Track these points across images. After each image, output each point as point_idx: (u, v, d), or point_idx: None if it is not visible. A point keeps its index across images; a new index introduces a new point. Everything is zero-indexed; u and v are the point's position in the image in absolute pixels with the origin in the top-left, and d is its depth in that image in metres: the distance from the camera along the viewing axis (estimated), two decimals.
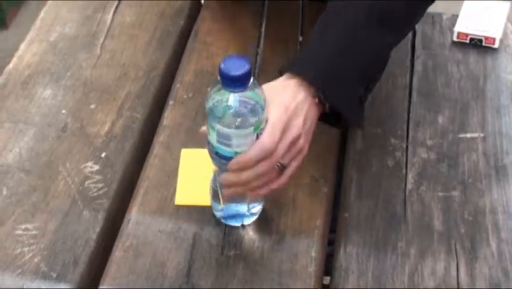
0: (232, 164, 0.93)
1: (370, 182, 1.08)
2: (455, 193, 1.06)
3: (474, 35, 1.27)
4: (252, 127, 0.90)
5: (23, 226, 1.02)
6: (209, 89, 0.91)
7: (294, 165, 0.96)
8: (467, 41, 1.28)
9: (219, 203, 1.00)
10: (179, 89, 1.20)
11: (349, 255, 0.99)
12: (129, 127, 1.15)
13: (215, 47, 1.22)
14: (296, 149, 0.96)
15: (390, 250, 0.99)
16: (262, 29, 1.30)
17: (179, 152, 1.10)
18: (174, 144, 1.12)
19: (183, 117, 1.15)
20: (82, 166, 1.09)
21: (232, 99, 0.89)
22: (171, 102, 1.18)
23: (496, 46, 1.27)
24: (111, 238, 1.01)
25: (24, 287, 0.95)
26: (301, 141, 0.96)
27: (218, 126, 0.90)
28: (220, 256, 0.98)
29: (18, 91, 1.21)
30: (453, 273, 0.97)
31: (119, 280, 0.96)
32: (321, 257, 1.00)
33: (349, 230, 1.02)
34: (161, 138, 1.13)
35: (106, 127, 1.14)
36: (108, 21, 1.33)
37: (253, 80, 0.89)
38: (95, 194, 1.05)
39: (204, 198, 1.02)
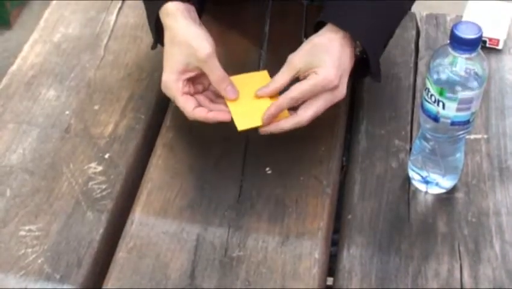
0: (267, 116, 1.04)
1: (373, 184, 1.07)
2: (459, 195, 1.05)
3: None
4: (485, 81, 0.95)
5: (26, 227, 1.02)
6: (432, 73, 0.96)
7: None
8: None
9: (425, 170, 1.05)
10: None
11: (353, 257, 0.99)
12: (132, 128, 1.15)
13: (218, 48, 1.21)
14: (331, 104, 1.06)
15: (393, 252, 0.99)
16: (266, 30, 1.30)
17: (183, 152, 1.10)
18: (178, 144, 1.12)
19: (186, 117, 1.15)
20: (86, 167, 1.09)
21: (463, 62, 0.93)
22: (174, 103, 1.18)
23: (500, 47, 1.27)
24: (114, 239, 1.01)
25: (28, 288, 0.95)
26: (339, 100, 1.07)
27: (461, 94, 0.94)
28: (224, 257, 0.98)
29: (22, 92, 1.21)
30: (457, 274, 0.97)
31: (123, 281, 0.96)
32: (325, 259, 1.00)
33: (352, 232, 1.02)
34: (164, 139, 1.13)
35: (109, 128, 1.15)
36: (112, 22, 1.33)
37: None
38: (98, 195, 1.06)
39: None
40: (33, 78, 1.23)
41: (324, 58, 1.04)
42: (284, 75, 1.06)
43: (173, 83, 1.06)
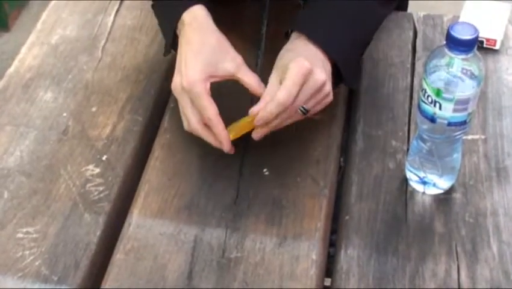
0: (258, 120, 1.02)
1: (371, 184, 1.07)
2: (456, 195, 1.05)
3: None
4: (481, 81, 0.95)
5: (24, 230, 1.02)
6: (428, 74, 0.96)
7: (317, 108, 1.06)
8: None
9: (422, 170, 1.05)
10: None
11: (350, 258, 0.99)
12: (130, 130, 1.15)
13: None
14: (321, 94, 1.04)
15: (390, 253, 0.99)
16: (263, 31, 1.30)
17: (180, 154, 1.10)
18: (175, 146, 1.12)
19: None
20: (83, 169, 1.09)
21: (459, 62, 0.93)
22: (172, 105, 1.18)
23: (497, 47, 1.27)
24: (112, 241, 1.01)
25: None
26: (327, 87, 1.04)
27: (457, 94, 0.94)
28: (221, 258, 0.98)
29: (19, 94, 1.21)
30: (454, 275, 0.97)
31: (120, 282, 0.96)
32: (322, 260, 1.00)
33: (350, 233, 1.02)
34: (162, 140, 1.13)
35: (107, 130, 1.15)
36: (109, 24, 1.33)
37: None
38: (96, 197, 1.06)
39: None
40: (30, 80, 1.23)
41: (290, 55, 1.05)
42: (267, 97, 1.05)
43: (201, 82, 1.04)
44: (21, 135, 1.14)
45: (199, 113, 1.05)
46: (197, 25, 1.08)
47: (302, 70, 1.01)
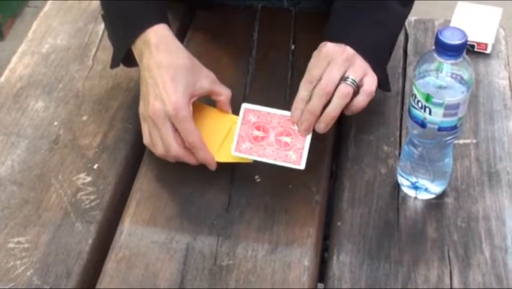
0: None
1: (362, 190, 1.07)
2: (448, 200, 1.05)
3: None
4: (471, 86, 0.95)
5: (15, 239, 1.01)
6: (418, 79, 0.97)
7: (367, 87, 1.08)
8: None
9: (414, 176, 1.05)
10: None
11: (342, 264, 0.99)
12: (121, 138, 1.15)
13: (207, 56, 1.22)
14: (355, 66, 1.07)
15: (383, 258, 0.99)
16: (255, 38, 1.30)
17: (171, 162, 1.10)
18: None
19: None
20: (75, 178, 1.09)
21: (449, 67, 0.94)
22: None
23: (488, 51, 1.27)
24: (103, 249, 1.01)
25: None
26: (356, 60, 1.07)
27: (447, 99, 0.94)
28: (213, 266, 0.98)
29: (10, 103, 1.21)
30: (447, 280, 0.96)
31: None
32: (315, 266, 0.99)
33: (342, 239, 1.02)
34: None
35: (98, 139, 1.14)
36: (100, 32, 1.33)
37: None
38: (87, 205, 1.05)
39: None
40: (21, 90, 1.23)
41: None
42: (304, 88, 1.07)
43: (186, 105, 1.03)
44: (12, 144, 1.14)
45: (180, 138, 1.04)
46: (165, 47, 1.07)
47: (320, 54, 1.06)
